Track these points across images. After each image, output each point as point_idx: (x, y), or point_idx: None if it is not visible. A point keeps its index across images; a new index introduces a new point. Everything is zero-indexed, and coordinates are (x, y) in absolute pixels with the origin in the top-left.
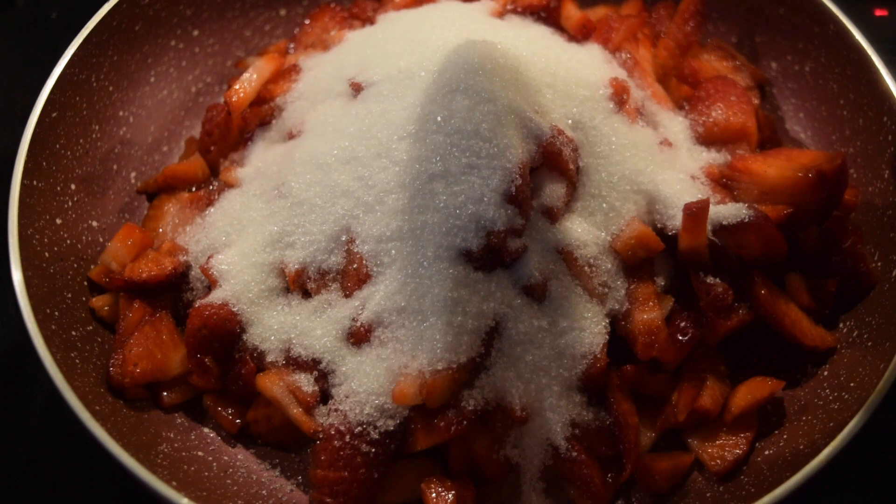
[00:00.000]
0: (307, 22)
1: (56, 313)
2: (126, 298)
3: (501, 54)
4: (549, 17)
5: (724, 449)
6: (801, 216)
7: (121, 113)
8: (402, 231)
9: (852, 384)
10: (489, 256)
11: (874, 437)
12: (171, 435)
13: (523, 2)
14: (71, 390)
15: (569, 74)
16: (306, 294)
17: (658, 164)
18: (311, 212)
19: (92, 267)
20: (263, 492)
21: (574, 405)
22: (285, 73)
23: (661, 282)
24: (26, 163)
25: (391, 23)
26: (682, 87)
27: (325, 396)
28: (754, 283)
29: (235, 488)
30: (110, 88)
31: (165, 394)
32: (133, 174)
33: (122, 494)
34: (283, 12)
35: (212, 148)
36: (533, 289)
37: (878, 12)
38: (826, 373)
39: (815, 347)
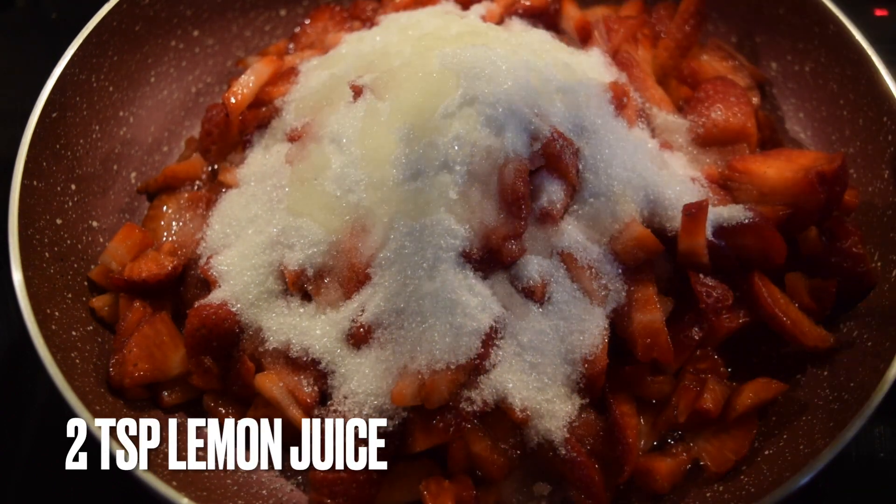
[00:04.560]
0: (307, 22)
1: (56, 313)
2: (126, 299)
3: (502, 58)
4: (549, 19)
5: (724, 449)
6: (801, 217)
7: (121, 113)
8: (402, 233)
9: (852, 384)
10: (489, 258)
11: (874, 437)
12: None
13: (524, 4)
14: (71, 390)
15: (569, 78)
16: (306, 295)
17: (658, 166)
18: (310, 213)
19: (92, 267)
20: (263, 492)
21: (574, 406)
22: (284, 76)
23: (661, 283)
24: (26, 163)
25: (391, 25)
26: (682, 88)
27: (324, 397)
28: (754, 284)
29: (235, 488)
30: (110, 89)
31: (165, 394)
32: (133, 174)
33: (122, 494)
34: (283, 12)
35: (211, 148)
36: (533, 291)
37: (878, 12)
38: (826, 373)
39: (815, 348)
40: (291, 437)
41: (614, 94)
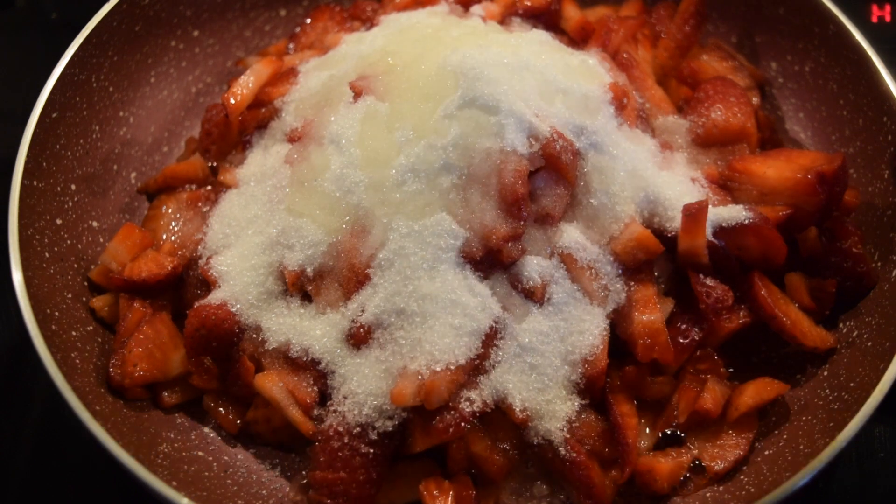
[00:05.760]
0: (307, 22)
1: (56, 313)
2: (126, 299)
3: (501, 59)
4: (549, 19)
5: (724, 449)
6: (801, 217)
7: (121, 113)
8: (402, 233)
9: (852, 384)
10: (489, 259)
11: (874, 437)
12: (171, 435)
13: (524, 4)
14: (71, 390)
15: (569, 79)
16: (305, 296)
17: (657, 166)
18: (310, 213)
19: (92, 267)
20: (263, 492)
21: (574, 407)
22: (283, 76)
23: (661, 284)
24: (26, 163)
25: (391, 26)
26: (682, 89)
27: (323, 397)
28: (754, 285)
29: (235, 488)
30: (110, 89)
31: (165, 394)
32: (133, 174)
33: (122, 494)
34: (283, 12)
35: (211, 148)
36: (532, 291)
37: (878, 12)
38: (826, 373)
39: (815, 348)
40: (291, 437)
41: (614, 95)
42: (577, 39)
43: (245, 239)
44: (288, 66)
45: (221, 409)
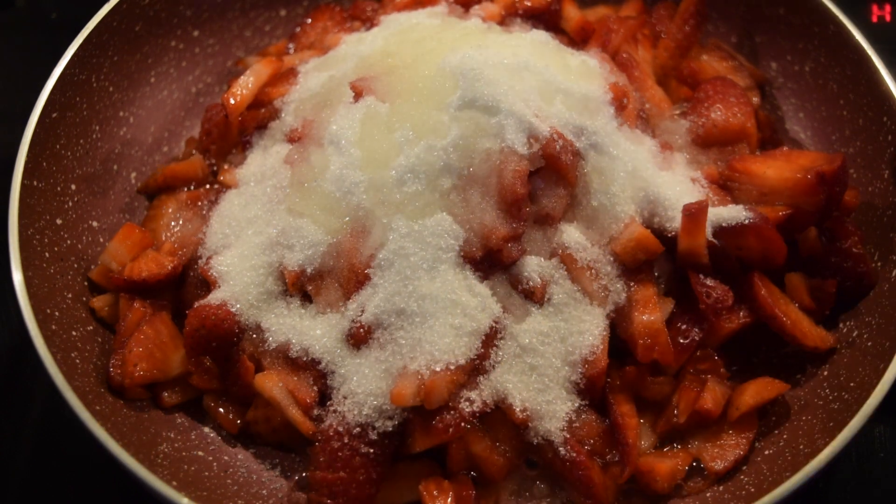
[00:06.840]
0: (307, 22)
1: (56, 313)
2: (126, 299)
3: (501, 59)
4: (549, 19)
5: (724, 449)
6: (801, 217)
7: (121, 113)
8: (402, 234)
9: (852, 384)
10: (489, 259)
11: (874, 437)
12: (171, 435)
13: (524, 5)
14: (71, 390)
15: (569, 79)
16: (305, 296)
17: (657, 166)
18: (310, 214)
19: (92, 267)
20: (263, 492)
21: (574, 407)
22: (283, 77)
23: (661, 284)
24: (26, 163)
25: (391, 26)
26: (682, 89)
27: (323, 397)
28: (754, 285)
29: (235, 488)
30: (110, 89)
31: (166, 394)
32: (133, 174)
33: (122, 494)
34: (283, 13)
35: (211, 147)
36: (532, 292)
37: (878, 12)
38: (826, 373)
39: (815, 348)
40: (291, 437)
41: (614, 96)
42: (577, 39)
43: (245, 239)
44: (288, 66)
45: (221, 409)
